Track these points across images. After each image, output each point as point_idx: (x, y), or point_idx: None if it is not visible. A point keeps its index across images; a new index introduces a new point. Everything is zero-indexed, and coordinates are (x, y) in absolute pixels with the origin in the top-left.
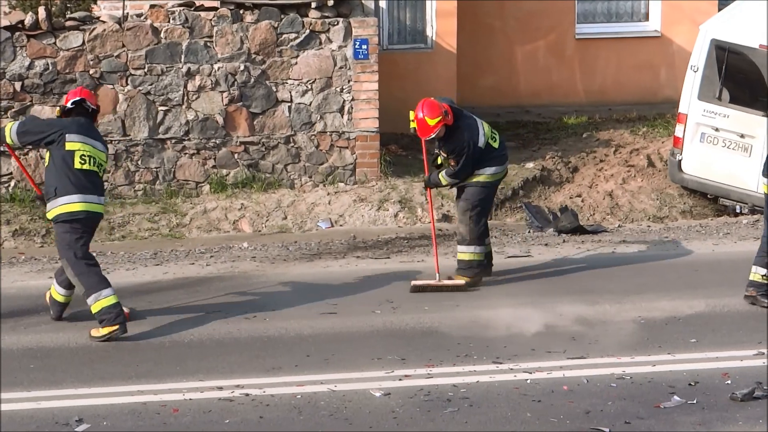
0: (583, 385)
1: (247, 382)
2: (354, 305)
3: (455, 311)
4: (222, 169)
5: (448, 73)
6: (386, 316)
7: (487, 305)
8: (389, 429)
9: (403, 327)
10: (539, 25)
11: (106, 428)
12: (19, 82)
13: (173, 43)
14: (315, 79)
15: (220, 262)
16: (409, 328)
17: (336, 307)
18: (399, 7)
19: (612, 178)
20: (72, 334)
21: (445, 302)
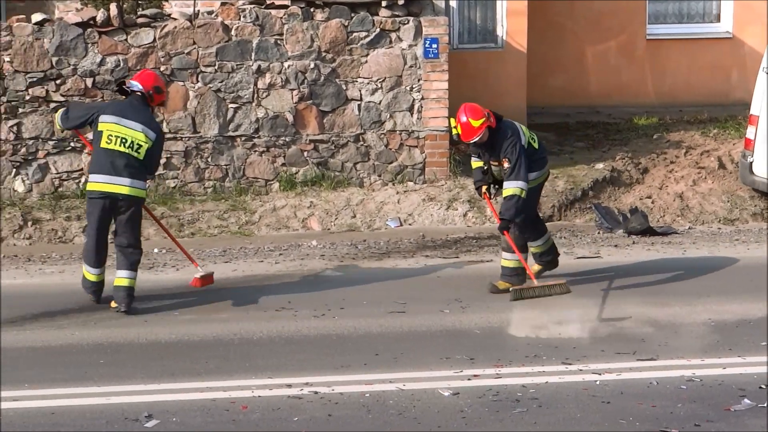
0: (653, 387)
1: (316, 380)
2: (422, 304)
3: (524, 311)
4: (291, 167)
5: (518, 73)
6: (455, 316)
7: (556, 306)
8: (458, 429)
9: (472, 326)
10: (610, 26)
11: (175, 424)
12: (90, 78)
13: (244, 40)
14: (385, 78)
15: (288, 260)
16: (478, 327)
17: (405, 305)
18: (469, 6)
19: (682, 179)
20: (142, 329)
21: (513, 303)
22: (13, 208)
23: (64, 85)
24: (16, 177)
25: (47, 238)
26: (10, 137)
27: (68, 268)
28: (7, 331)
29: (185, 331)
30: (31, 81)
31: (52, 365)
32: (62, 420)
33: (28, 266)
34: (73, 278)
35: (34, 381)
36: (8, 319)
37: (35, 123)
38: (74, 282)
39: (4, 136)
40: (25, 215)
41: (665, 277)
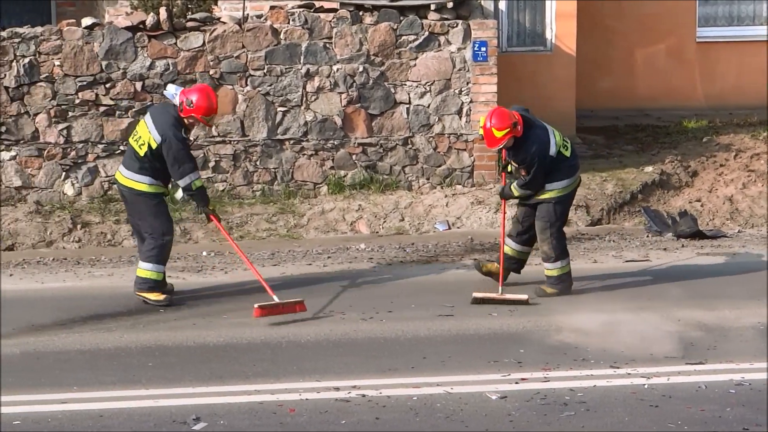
0: (701, 390)
1: (363, 383)
2: (470, 307)
3: (572, 315)
4: (340, 170)
5: (567, 76)
6: (503, 319)
7: (605, 309)
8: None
9: (520, 330)
10: (659, 28)
11: (223, 427)
12: (139, 81)
13: (293, 44)
14: (433, 81)
15: (337, 263)
16: (526, 330)
17: (452, 309)
18: (518, 9)
19: (732, 182)
20: (190, 332)
21: (560, 306)
22: (62, 211)
23: (113, 88)
24: (66, 180)
25: (96, 241)
26: (60, 141)
27: (117, 271)
28: (56, 333)
29: (233, 334)
30: (80, 85)
31: (100, 368)
32: (110, 422)
33: (77, 269)
34: (122, 281)
35: (82, 383)
36: (57, 321)
37: (85, 126)
38: (123, 285)
39: (54, 140)
40: (74, 218)
41: (714, 280)
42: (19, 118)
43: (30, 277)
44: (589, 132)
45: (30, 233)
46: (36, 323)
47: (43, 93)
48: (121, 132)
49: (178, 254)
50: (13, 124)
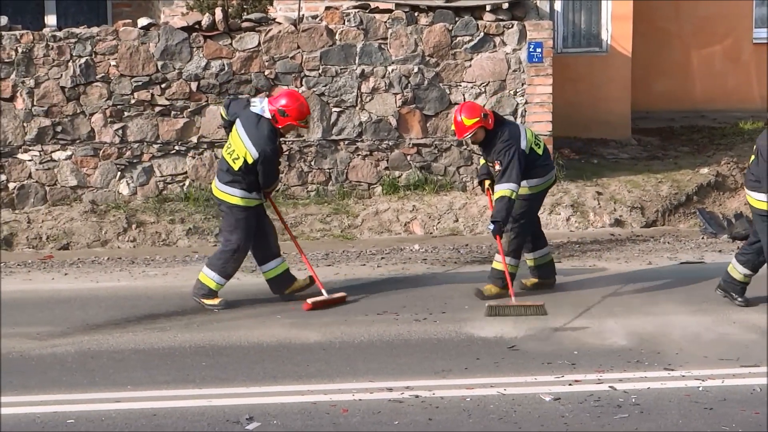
0: (756, 393)
1: (416, 384)
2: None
3: (625, 317)
4: (394, 171)
5: (623, 77)
6: (557, 320)
7: (659, 311)
8: None
9: (574, 332)
10: (715, 30)
11: (276, 427)
12: (195, 82)
13: (347, 44)
14: (488, 82)
15: (391, 263)
16: (579, 332)
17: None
18: (574, 10)
19: None
20: (243, 332)
21: (615, 308)
22: (117, 210)
23: (169, 89)
24: (121, 180)
25: (151, 240)
26: (116, 140)
27: (171, 271)
28: (110, 332)
29: (287, 334)
30: (136, 85)
31: (154, 367)
32: (164, 421)
33: (131, 268)
34: (176, 281)
35: (136, 383)
36: (111, 320)
37: (140, 126)
38: (177, 285)
39: (109, 140)
40: (129, 218)
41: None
42: (75, 117)
43: (85, 276)
44: (644, 133)
45: (85, 233)
46: (90, 322)
47: (99, 93)
48: (176, 132)
49: None
50: (69, 124)
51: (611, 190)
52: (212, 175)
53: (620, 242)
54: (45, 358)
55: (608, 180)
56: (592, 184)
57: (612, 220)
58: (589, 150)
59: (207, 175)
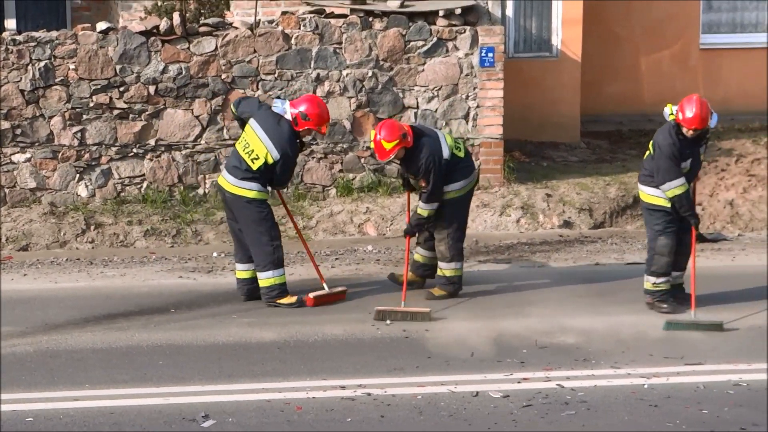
0: (700, 391)
1: (369, 382)
2: (476, 308)
3: (573, 316)
4: (348, 173)
5: (573, 81)
6: (506, 320)
7: (606, 311)
8: (508, 430)
9: (523, 331)
10: (664, 35)
11: (231, 424)
12: (153, 85)
13: (303, 49)
14: (441, 86)
15: (345, 264)
16: (529, 331)
17: (456, 310)
18: (525, 16)
19: (733, 187)
20: (200, 332)
21: (563, 307)
22: (76, 212)
23: (127, 92)
24: (80, 182)
25: (109, 242)
26: (75, 143)
27: (129, 272)
28: (69, 332)
29: (243, 334)
30: (95, 88)
31: (112, 366)
32: (122, 419)
33: (90, 269)
34: (134, 281)
35: (94, 381)
36: (70, 320)
37: (99, 129)
38: (135, 285)
39: (68, 142)
40: (87, 219)
41: (714, 283)
42: (35, 120)
43: (44, 277)
44: (593, 137)
45: (44, 234)
46: (50, 322)
47: (58, 96)
48: (134, 135)
49: (189, 255)
50: (29, 127)
51: (560, 192)
52: (170, 177)
53: (569, 243)
54: (5, 358)
55: (558, 182)
56: (542, 187)
57: (561, 221)
58: (539, 153)
59: (164, 177)
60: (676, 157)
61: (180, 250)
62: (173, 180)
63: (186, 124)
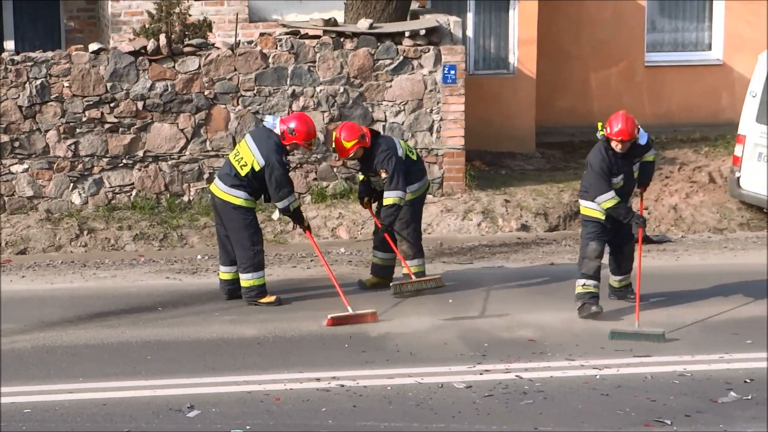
0: (648, 381)
1: (342, 374)
2: (441, 305)
3: (530, 312)
4: (322, 182)
5: (528, 96)
6: (469, 315)
7: (562, 307)
8: (471, 418)
9: (485, 326)
10: (612, 53)
11: (215, 414)
12: (141, 101)
13: (280, 67)
14: (407, 101)
15: (319, 265)
16: (489, 326)
17: (424, 307)
18: (484, 36)
19: (676, 192)
20: (186, 329)
21: (521, 304)
22: (70, 218)
23: (117, 107)
24: (74, 190)
25: (101, 245)
26: (69, 155)
27: (120, 273)
28: (64, 329)
29: (225, 330)
30: (87, 104)
31: (104, 361)
32: (113, 410)
33: (83, 271)
34: (125, 282)
35: (88, 375)
36: (65, 318)
37: (91, 142)
38: (126, 285)
39: (63, 154)
40: (81, 225)
41: (660, 281)
42: (31, 134)
43: (41, 279)
44: (547, 147)
45: (41, 239)
46: (46, 320)
47: (54, 111)
48: (124, 147)
49: (175, 257)
50: (26, 140)
51: (518, 198)
52: (157, 185)
53: (526, 245)
54: (5, 354)
55: (515, 189)
56: (500, 193)
57: (519, 225)
58: (498, 162)
59: (152, 185)
60: (605, 172)
61: (167, 253)
62: (160, 188)
63: (172, 136)
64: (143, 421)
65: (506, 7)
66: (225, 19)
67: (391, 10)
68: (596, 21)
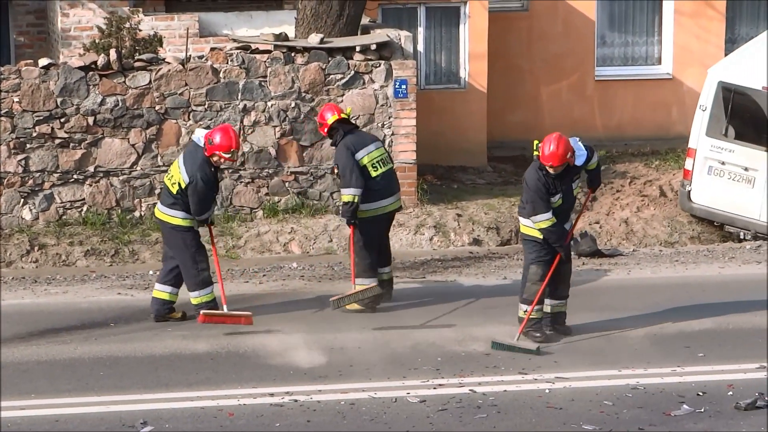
0: (601, 394)
1: (296, 389)
2: (392, 320)
3: (483, 326)
4: (274, 197)
5: (480, 110)
6: (423, 330)
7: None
8: None
9: (438, 340)
10: (563, 67)
11: (168, 430)
12: (92, 116)
13: (231, 82)
14: (359, 116)
15: (272, 280)
16: (444, 340)
17: (377, 321)
18: (435, 51)
19: (627, 206)
20: (138, 344)
21: (474, 318)
22: (21, 234)
23: (68, 123)
24: (24, 206)
25: (52, 261)
26: (19, 170)
27: (71, 289)
28: (15, 346)
29: (177, 345)
30: (37, 119)
31: (56, 377)
32: (65, 427)
33: (34, 287)
34: (76, 298)
35: (40, 391)
36: (16, 335)
37: (41, 157)
38: (77, 301)
39: (13, 169)
40: (32, 241)
41: (612, 294)
42: None
43: None
44: (499, 161)
45: None
46: None
47: (3, 126)
48: (74, 162)
49: (127, 273)
50: None
51: (470, 212)
52: (108, 201)
53: (478, 259)
54: None
55: (467, 203)
56: (452, 207)
57: (471, 239)
58: (450, 176)
59: (103, 201)
60: (542, 191)
61: (118, 268)
62: (111, 203)
63: (123, 152)
64: None
65: (457, 22)
66: (175, 33)
67: (342, 25)
68: (547, 35)
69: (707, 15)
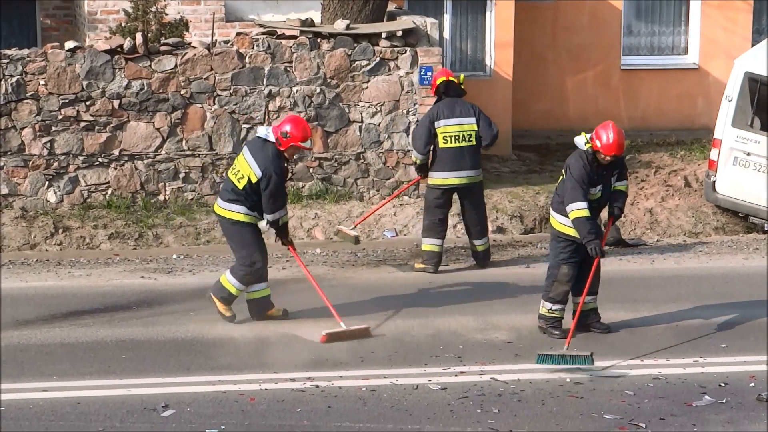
0: (623, 384)
1: (317, 375)
2: (415, 307)
3: (506, 315)
4: (298, 182)
5: (505, 99)
6: (445, 317)
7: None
8: (445, 420)
9: (460, 328)
10: (588, 57)
11: (189, 414)
12: (117, 100)
13: (256, 67)
14: (384, 102)
15: (295, 266)
16: (466, 329)
17: (399, 308)
18: (461, 39)
19: (652, 196)
20: (160, 328)
21: (497, 306)
22: (45, 216)
23: (93, 106)
24: (49, 189)
25: (76, 244)
26: (44, 153)
27: (95, 272)
28: (38, 328)
29: (200, 330)
30: (63, 102)
31: (79, 360)
32: (87, 409)
33: (58, 270)
34: (99, 281)
35: (62, 374)
36: (40, 317)
37: (67, 140)
38: (100, 284)
39: (38, 152)
40: (56, 223)
41: (635, 285)
42: (7, 132)
43: (15, 277)
44: (523, 150)
45: (15, 236)
46: (20, 319)
47: (29, 109)
48: (99, 145)
49: (150, 257)
50: (1, 138)
51: (494, 200)
52: (132, 184)
53: (502, 247)
54: None
55: (491, 191)
56: None
57: (495, 227)
58: None
59: (128, 184)
60: (584, 180)
61: (142, 252)
62: (136, 187)
63: (148, 135)
64: (117, 420)
65: (483, 10)
66: (201, 18)
67: (368, 11)
68: (573, 24)
69: (734, 6)
